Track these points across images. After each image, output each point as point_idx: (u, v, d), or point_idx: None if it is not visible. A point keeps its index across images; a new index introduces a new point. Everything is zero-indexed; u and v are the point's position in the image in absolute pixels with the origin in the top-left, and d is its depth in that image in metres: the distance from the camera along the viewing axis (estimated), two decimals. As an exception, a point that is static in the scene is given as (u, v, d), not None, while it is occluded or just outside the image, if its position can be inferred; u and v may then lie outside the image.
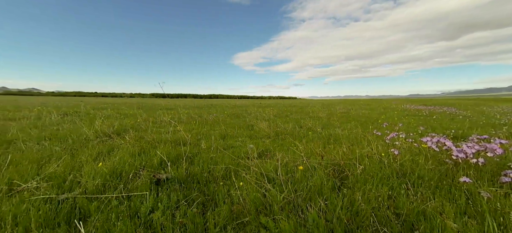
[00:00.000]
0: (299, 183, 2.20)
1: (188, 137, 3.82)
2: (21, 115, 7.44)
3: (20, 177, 2.29)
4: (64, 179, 2.29)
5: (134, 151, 3.36)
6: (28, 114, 7.53)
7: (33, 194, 1.95)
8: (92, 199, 1.92)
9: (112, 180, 2.32)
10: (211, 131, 5.58)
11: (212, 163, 2.91)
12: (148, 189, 2.13)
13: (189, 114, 9.24)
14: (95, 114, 8.64)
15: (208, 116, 8.77)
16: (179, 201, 1.98)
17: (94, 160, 2.95)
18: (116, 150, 3.46)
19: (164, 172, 2.55)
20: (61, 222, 1.63)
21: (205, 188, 2.27)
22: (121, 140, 4.06)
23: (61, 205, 1.80)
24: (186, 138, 4.02)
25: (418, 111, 12.22)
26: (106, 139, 4.24)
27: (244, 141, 4.43)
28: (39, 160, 2.88)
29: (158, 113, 9.85)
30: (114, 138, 4.21)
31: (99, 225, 1.61)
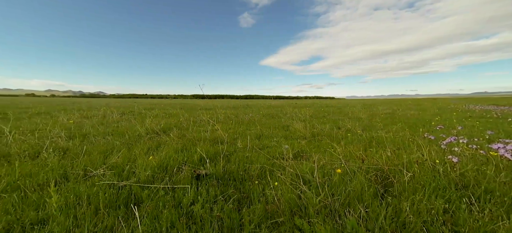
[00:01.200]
0: (337, 187, 2.10)
1: (225, 136, 4.00)
2: (92, 114, 8.88)
3: (92, 164, 2.75)
4: (123, 169, 2.65)
5: (177, 147, 3.68)
6: (96, 113, 8.94)
7: (101, 179, 2.31)
8: (144, 188, 2.18)
9: (160, 172, 2.59)
10: (247, 130, 5.72)
11: (248, 162, 2.99)
12: (189, 183, 2.31)
13: (226, 114, 9.65)
14: (146, 114, 9.74)
15: (244, 116, 9.02)
16: (217, 196, 2.09)
17: (145, 154, 3.33)
18: (163, 146, 3.84)
19: (203, 168, 2.73)
20: (120, 204, 1.90)
21: (240, 185, 2.35)
22: (166, 137, 4.49)
23: (120, 191, 2.10)
24: (223, 136, 4.22)
25: (486, 113, 10.30)
26: (155, 135, 4.75)
27: (279, 141, 4.42)
28: (105, 152, 3.39)
29: (198, 113, 10.56)
30: (161, 135, 4.68)
31: (150, 210, 1.82)
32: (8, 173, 2.41)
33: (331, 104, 25.22)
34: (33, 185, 2.17)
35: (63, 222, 1.62)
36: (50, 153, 3.16)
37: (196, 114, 9.86)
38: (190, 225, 1.71)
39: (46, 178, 2.34)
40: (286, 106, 18.98)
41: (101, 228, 1.60)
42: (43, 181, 2.27)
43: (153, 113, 9.82)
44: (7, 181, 2.21)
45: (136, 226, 1.63)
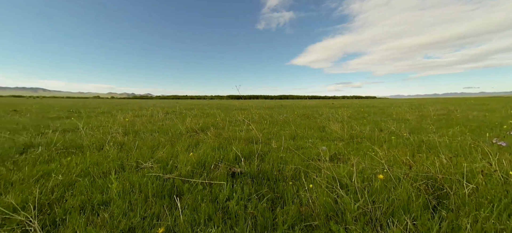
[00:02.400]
0: (378, 193, 1.94)
1: (260, 135, 4.06)
2: (142, 113, 10.00)
3: (142, 158, 3.11)
4: (167, 163, 2.93)
5: (214, 145, 3.88)
6: (145, 113, 10.04)
7: (149, 171, 2.60)
8: (184, 181, 2.37)
9: (198, 168, 2.78)
10: (281, 131, 5.70)
11: (282, 162, 2.98)
12: (225, 179, 2.42)
13: (260, 115, 9.77)
14: (186, 113, 10.52)
15: (279, 116, 8.99)
16: (251, 194, 2.14)
17: (186, 150, 3.61)
18: (201, 144, 4.10)
19: (238, 166, 2.82)
20: (165, 195, 2.11)
21: (274, 185, 2.36)
22: (204, 136, 4.78)
23: (165, 182, 2.32)
24: (258, 136, 4.29)
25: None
26: (194, 134, 5.10)
27: (314, 143, 4.28)
28: (152, 147, 3.79)
29: (233, 113, 10.94)
30: (199, 134, 5.00)
31: (190, 203, 1.98)
32: (82, 161, 2.89)
33: (371, 104, 23.27)
34: (99, 172, 2.57)
35: (121, 205, 1.87)
36: (111, 146, 3.68)
37: (231, 114, 10.23)
38: (226, 219, 1.79)
39: (108, 167, 2.74)
40: (322, 106, 18.23)
41: (150, 214, 1.80)
42: (106, 170, 2.66)
43: (192, 113, 10.55)
44: (81, 167, 2.66)
45: (178, 215, 1.79)
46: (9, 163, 2.84)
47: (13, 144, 3.65)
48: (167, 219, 1.74)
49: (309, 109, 14.79)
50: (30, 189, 2.12)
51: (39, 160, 3.01)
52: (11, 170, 2.63)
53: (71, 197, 2.03)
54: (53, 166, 2.73)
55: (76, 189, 2.19)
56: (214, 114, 10.16)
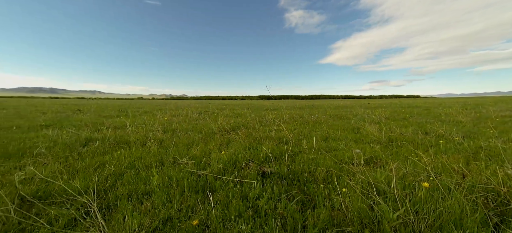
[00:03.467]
0: (423, 203, 1.75)
1: (290, 136, 4.01)
2: (178, 113, 10.76)
3: (179, 154, 3.35)
4: (201, 160, 3.10)
5: (245, 145, 3.97)
6: (181, 113, 10.77)
7: (185, 167, 2.79)
8: (216, 178, 2.48)
9: (229, 166, 2.88)
10: (313, 131, 5.54)
11: (313, 164, 2.91)
12: (255, 178, 2.46)
13: (291, 115, 9.65)
14: (218, 113, 10.96)
15: (310, 117, 8.76)
16: (281, 194, 2.14)
17: (218, 149, 3.77)
18: (232, 143, 4.23)
19: (268, 166, 2.84)
20: (199, 190, 2.24)
21: (305, 187, 2.31)
22: (235, 135, 4.92)
23: (199, 178, 2.47)
24: (288, 137, 4.24)
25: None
26: (225, 133, 5.29)
27: (348, 145, 4.06)
28: (187, 144, 4.06)
29: (263, 113, 11.01)
30: (230, 133, 5.17)
31: (221, 199, 2.06)
32: (129, 155, 3.25)
33: (414, 104, 20.99)
34: (142, 166, 2.85)
35: (161, 196, 2.05)
36: (152, 142, 4.05)
37: (262, 114, 10.31)
38: (255, 217, 1.82)
39: (150, 161, 3.02)
40: (356, 106, 17.14)
41: (185, 206, 1.94)
42: (148, 163, 2.94)
43: (224, 113, 10.95)
44: (128, 160, 3.00)
45: (210, 210, 1.89)
46: (75, 154, 3.35)
47: (77, 138, 4.28)
48: (201, 213, 1.85)
49: (342, 109, 14.05)
50: (90, 176, 2.47)
51: (96, 152, 3.48)
52: (76, 159, 3.10)
53: (121, 185, 2.30)
54: (107, 158, 3.13)
55: (124, 179, 2.47)
56: (244, 115, 10.38)
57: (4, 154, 3.24)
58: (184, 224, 1.71)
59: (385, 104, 22.23)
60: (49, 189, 2.12)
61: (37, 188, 2.13)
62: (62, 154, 3.33)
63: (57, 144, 3.83)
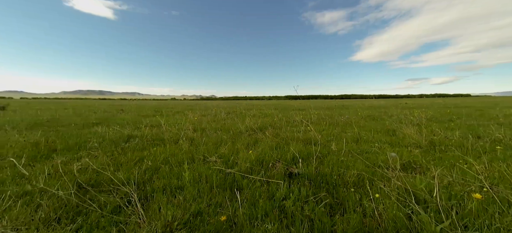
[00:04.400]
0: (474, 217, 1.55)
1: (319, 137, 3.90)
2: (207, 113, 11.21)
3: (208, 152, 3.50)
4: (229, 159, 3.20)
5: (272, 145, 3.97)
6: (210, 113, 11.21)
7: (214, 165, 2.91)
8: (244, 177, 2.53)
9: (257, 165, 2.91)
10: (342, 133, 5.30)
11: (343, 167, 2.78)
12: (282, 179, 2.45)
13: (319, 115, 9.35)
14: (245, 113, 11.14)
15: (339, 117, 8.38)
16: (308, 196, 2.09)
17: (245, 148, 3.84)
18: (259, 143, 4.26)
19: (295, 167, 2.80)
20: (227, 187, 2.31)
21: (334, 190, 2.23)
22: (262, 135, 4.95)
23: (227, 176, 2.55)
24: (317, 138, 4.13)
25: None
26: (252, 132, 5.36)
27: (382, 148, 3.79)
28: (216, 143, 4.22)
29: (291, 113, 10.87)
30: (257, 133, 5.22)
31: (248, 197, 2.10)
32: (163, 152, 3.51)
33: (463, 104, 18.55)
34: (175, 162, 3.05)
35: (192, 191, 2.18)
36: (184, 140, 4.30)
37: (289, 114, 10.19)
38: (282, 218, 1.81)
39: (182, 158, 3.22)
40: (391, 106, 15.84)
41: (214, 202, 2.02)
42: (180, 160, 3.14)
43: (251, 113, 11.09)
44: (163, 156, 3.24)
45: (237, 207, 1.93)
46: (119, 149, 3.74)
47: (121, 135, 4.77)
48: (228, 209, 1.91)
49: (375, 109, 13.12)
50: (131, 169, 2.74)
51: (136, 148, 3.84)
52: (120, 154, 3.46)
53: (157, 179, 2.50)
54: (145, 154, 3.42)
55: (160, 173, 2.67)
56: (271, 115, 10.37)
57: (66, 147, 3.77)
58: (213, 219, 1.79)
59: (426, 104, 20.12)
60: (99, 178, 2.40)
61: (90, 177, 2.44)
62: (109, 149, 3.75)
63: (105, 140, 4.31)
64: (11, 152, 3.28)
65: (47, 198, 1.96)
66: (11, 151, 3.38)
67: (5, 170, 2.65)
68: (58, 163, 2.72)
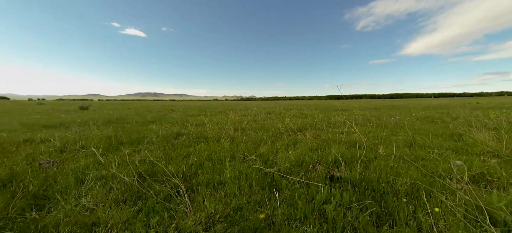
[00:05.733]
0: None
1: (364, 139, 3.60)
2: (247, 113, 11.54)
3: (248, 151, 3.61)
4: (268, 158, 3.24)
5: (312, 146, 3.84)
6: (250, 113, 11.50)
7: (253, 164, 2.99)
8: (283, 177, 2.53)
9: (296, 166, 2.87)
10: (392, 136, 4.77)
11: (393, 173, 2.51)
12: (323, 182, 2.35)
13: (364, 116, 8.63)
14: (285, 113, 11.05)
15: (389, 119, 7.57)
16: (352, 202, 1.96)
17: (285, 148, 3.82)
18: (299, 143, 4.18)
19: (337, 170, 2.66)
20: (266, 186, 2.35)
21: (381, 199, 2.03)
22: (302, 136, 4.84)
23: (266, 176, 2.58)
24: (362, 140, 3.83)
25: None
26: (292, 133, 5.28)
27: (443, 155, 3.27)
28: (255, 142, 4.31)
29: (332, 114, 10.32)
30: (297, 133, 5.12)
31: (287, 198, 2.09)
32: (207, 149, 3.78)
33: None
34: (217, 159, 3.25)
35: (232, 187, 2.28)
36: (225, 139, 4.54)
37: (331, 115, 9.70)
38: (322, 222, 1.75)
39: (224, 156, 3.40)
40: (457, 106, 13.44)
41: (253, 200, 2.08)
42: (222, 157, 3.32)
43: (290, 114, 10.94)
44: (206, 153, 3.48)
45: (276, 207, 1.95)
46: (169, 145, 4.18)
47: (171, 132, 5.32)
48: (267, 208, 1.94)
49: (434, 110, 11.36)
50: (179, 163, 3.03)
51: (183, 144, 4.23)
52: (170, 149, 3.87)
53: (201, 174, 2.71)
54: (191, 150, 3.74)
55: (204, 168, 2.89)
56: (312, 115, 10.04)
57: (129, 141, 4.41)
58: (252, 215, 1.85)
59: (509, 103, 16.40)
60: (154, 169, 2.74)
61: (148, 167, 2.80)
62: (162, 144, 4.22)
63: (158, 136, 4.88)
64: (92, 143, 4.02)
65: (117, 182, 2.34)
66: (92, 142, 4.13)
67: (88, 157, 3.27)
68: (125, 154, 3.21)
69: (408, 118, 8.23)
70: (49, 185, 2.32)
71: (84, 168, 2.79)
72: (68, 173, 2.60)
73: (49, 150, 3.66)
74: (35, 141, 4.34)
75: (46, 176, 2.52)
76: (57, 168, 2.81)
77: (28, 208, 1.89)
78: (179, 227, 1.67)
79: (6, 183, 2.32)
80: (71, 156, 3.37)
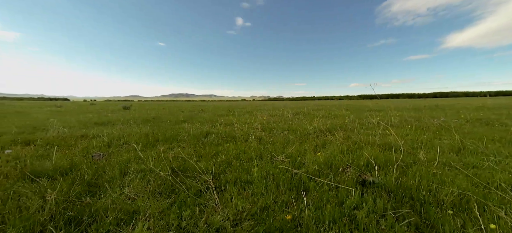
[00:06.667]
0: None
1: (401, 142, 3.31)
2: (275, 113, 11.52)
3: (275, 151, 3.61)
4: (295, 159, 3.19)
5: (342, 148, 3.67)
6: (277, 113, 11.46)
7: (280, 164, 2.98)
8: (311, 179, 2.47)
9: (325, 168, 2.77)
10: (435, 139, 4.30)
11: (436, 181, 2.27)
12: (354, 186, 2.23)
13: (402, 117, 7.92)
14: (313, 114, 10.74)
15: (431, 120, 6.83)
16: (386, 210, 1.83)
17: (313, 149, 3.72)
18: (328, 145, 4.03)
19: (370, 174, 2.50)
20: (293, 187, 2.32)
21: (421, 208, 1.85)
22: (331, 137, 4.66)
23: (293, 176, 2.55)
24: (398, 143, 3.53)
25: None
26: (321, 134, 5.12)
27: (502, 163, 2.83)
28: (283, 143, 4.28)
29: (365, 114, 9.70)
30: (326, 134, 4.94)
31: (315, 200, 2.04)
32: (235, 148, 3.87)
33: None
34: (245, 158, 3.31)
35: (259, 187, 2.31)
36: (253, 139, 4.60)
37: (363, 116, 9.13)
38: (352, 228, 1.67)
39: (251, 155, 3.45)
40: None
41: (280, 200, 2.07)
42: (250, 157, 3.37)
43: (319, 114, 10.60)
44: (234, 152, 3.58)
45: (303, 209, 1.91)
46: (199, 143, 4.40)
47: (201, 131, 5.59)
48: (294, 209, 1.91)
49: (490, 111, 9.85)
50: (209, 161, 3.17)
51: (213, 143, 4.40)
52: (200, 147, 4.07)
53: (229, 172, 2.79)
54: (220, 148, 3.87)
55: (232, 167, 2.97)
56: (342, 116, 9.58)
57: (164, 139, 4.77)
58: (278, 216, 1.84)
59: None
60: (186, 165, 2.92)
61: (180, 163, 2.99)
62: (192, 142, 4.47)
63: (190, 134, 5.17)
64: (133, 140, 4.45)
65: (154, 176, 2.55)
66: (133, 139, 4.57)
67: (130, 152, 3.63)
68: (160, 150, 3.48)
69: (455, 119, 7.32)
70: (100, 175, 2.64)
71: (127, 162, 3.10)
72: (114, 165, 2.92)
73: (99, 145, 4.15)
74: (89, 136, 4.96)
75: (97, 167, 2.86)
76: (106, 161, 3.17)
77: (84, 194, 2.18)
78: (208, 221, 1.75)
79: (68, 171, 2.71)
80: (116, 150, 3.77)
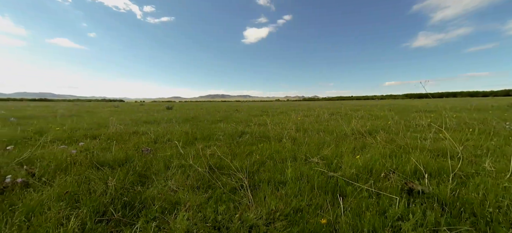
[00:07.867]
0: None
1: (459, 148, 2.87)
2: (310, 114, 11.18)
3: (310, 153, 3.51)
4: (331, 161, 3.05)
5: (385, 152, 3.37)
6: (313, 113, 11.10)
7: (315, 166, 2.88)
8: (348, 183, 2.33)
9: (364, 173, 2.59)
10: (507, 146, 3.60)
11: (507, 197, 1.90)
12: (398, 194, 2.03)
13: (459, 118, 6.85)
14: (351, 114, 10.08)
15: (502, 124, 5.73)
16: (439, 224, 1.61)
17: (351, 152, 3.50)
18: (368, 148, 3.74)
19: (418, 183, 2.24)
20: (328, 191, 2.22)
21: (487, 227, 1.58)
22: (372, 139, 4.30)
23: (329, 179, 2.45)
24: (456, 148, 3.07)
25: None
26: (360, 136, 4.77)
27: None
28: (318, 144, 4.13)
29: (412, 116, 8.70)
30: (366, 137, 4.59)
31: (353, 206, 1.92)
32: (268, 148, 3.90)
33: None
34: (279, 159, 3.31)
35: (293, 188, 2.28)
36: (287, 139, 4.56)
37: (410, 117, 8.19)
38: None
39: (285, 156, 3.43)
40: None
41: (314, 203, 2.01)
42: (284, 157, 3.35)
43: (358, 115, 9.89)
44: (268, 152, 3.60)
45: (339, 214, 1.82)
46: (234, 142, 4.56)
47: (236, 130, 5.78)
48: (329, 214, 1.84)
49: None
50: (243, 160, 3.26)
51: (247, 142, 4.51)
52: (235, 146, 4.21)
53: (263, 171, 2.82)
54: (254, 148, 3.94)
55: (265, 167, 3.00)
56: (385, 117, 8.76)
57: (202, 137, 5.08)
58: (313, 219, 1.79)
59: None
60: (222, 163, 3.05)
61: (216, 161, 3.15)
62: (228, 141, 4.65)
63: (225, 134, 5.39)
64: (175, 137, 4.86)
65: (193, 171, 2.74)
66: (175, 136, 4.99)
67: (172, 148, 3.97)
68: (199, 148, 3.73)
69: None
70: (148, 167, 2.96)
71: (170, 157, 3.40)
72: (160, 160, 3.23)
73: (147, 141, 4.65)
74: (139, 133, 5.61)
75: (146, 160, 3.22)
76: (152, 155, 3.54)
77: (136, 183, 2.47)
78: (243, 218, 1.80)
79: (123, 163, 3.12)
80: (161, 146, 4.17)
